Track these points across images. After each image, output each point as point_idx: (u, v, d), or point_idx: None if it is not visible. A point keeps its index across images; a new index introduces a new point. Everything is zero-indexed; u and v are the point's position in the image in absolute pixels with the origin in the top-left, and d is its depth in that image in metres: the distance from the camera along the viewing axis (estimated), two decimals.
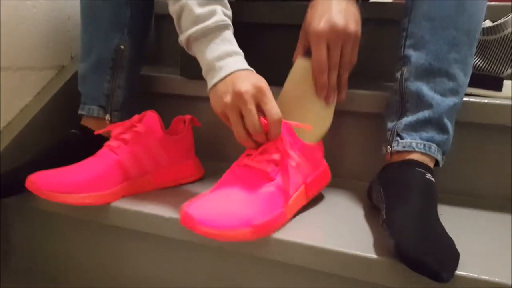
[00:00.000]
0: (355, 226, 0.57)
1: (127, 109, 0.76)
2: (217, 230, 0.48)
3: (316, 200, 0.65)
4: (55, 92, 0.82)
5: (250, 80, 0.55)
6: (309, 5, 0.63)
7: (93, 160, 0.62)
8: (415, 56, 0.61)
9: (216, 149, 0.83)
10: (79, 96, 0.84)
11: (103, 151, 0.63)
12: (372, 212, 0.62)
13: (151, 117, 0.67)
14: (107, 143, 0.64)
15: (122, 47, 0.74)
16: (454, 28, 0.59)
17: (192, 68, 0.75)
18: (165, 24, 1.02)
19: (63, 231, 0.70)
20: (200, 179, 0.73)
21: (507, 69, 0.68)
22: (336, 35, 0.59)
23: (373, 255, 0.49)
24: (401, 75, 0.63)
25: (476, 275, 0.45)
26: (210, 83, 0.58)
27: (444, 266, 0.43)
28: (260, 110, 0.55)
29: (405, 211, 0.50)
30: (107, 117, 0.74)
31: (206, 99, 0.73)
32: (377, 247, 0.51)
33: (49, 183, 0.57)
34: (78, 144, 0.71)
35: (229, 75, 0.56)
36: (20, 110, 0.79)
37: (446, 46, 0.59)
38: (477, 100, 0.66)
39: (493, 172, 0.69)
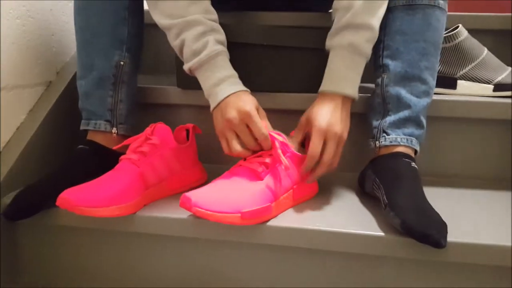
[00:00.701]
0: (356, 210, 0.68)
1: (130, 121, 0.80)
2: (210, 212, 0.58)
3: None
4: (49, 108, 0.83)
5: (238, 106, 0.65)
6: (314, 102, 0.71)
7: (117, 173, 0.66)
8: (393, 65, 0.73)
9: (213, 153, 0.89)
10: (72, 110, 0.86)
11: (125, 164, 0.67)
12: (365, 198, 0.73)
13: (163, 129, 0.72)
14: (127, 156, 0.68)
15: (122, 63, 0.77)
16: (423, 40, 0.71)
17: (188, 79, 0.82)
18: (159, 34, 1.06)
19: (75, 245, 0.73)
20: (205, 182, 0.80)
21: (460, 70, 0.83)
22: (334, 136, 0.67)
23: (379, 233, 0.59)
24: (382, 81, 0.74)
25: (462, 240, 0.57)
26: (211, 107, 0.69)
27: (441, 235, 0.54)
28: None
29: (403, 195, 0.61)
30: (114, 130, 0.77)
31: (201, 107, 0.83)
32: (379, 225, 0.62)
33: (82, 199, 0.60)
34: (90, 159, 0.74)
35: (222, 101, 0.67)
36: (16, 128, 0.79)
37: (418, 55, 0.71)
38: (438, 98, 0.80)
39: (454, 156, 0.84)
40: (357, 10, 0.67)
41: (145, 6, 0.84)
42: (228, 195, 0.61)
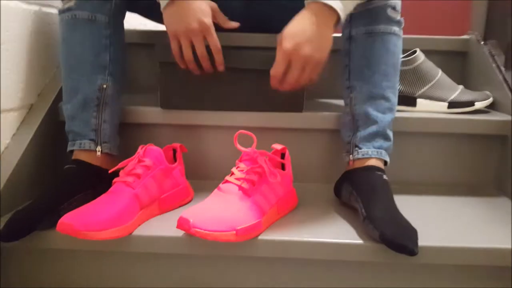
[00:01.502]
0: (335, 220, 0.75)
1: (114, 140, 0.84)
2: (208, 231, 0.62)
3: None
4: (34, 130, 0.84)
5: (199, 18, 0.74)
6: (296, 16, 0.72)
7: (114, 196, 0.69)
8: (359, 86, 0.81)
9: (198, 169, 0.93)
10: (55, 131, 0.89)
11: (120, 187, 0.70)
12: (342, 207, 0.80)
13: (154, 150, 0.75)
14: (121, 179, 0.71)
15: (104, 86, 0.81)
16: (383, 63, 0.80)
17: (170, 100, 0.87)
18: (139, 53, 1.11)
19: (65, 266, 0.75)
20: (192, 199, 0.84)
21: (419, 90, 0.93)
22: (299, 59, 0.70)
23: (359, 241, 0.67)
24: (350, 100, 0.82)
25: (430, 244, 0.66)
26: (162, 5, 0.76)
27: (414, 243, 0.62)
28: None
29: (379, 208, 0.68)
30: (98, 148, 0.80)
31: (183, 126, 0.91)
32: (357, 233, 0.69)
33: (83, 224, 0.63)
34: (78, 177, 0.76)
35: None
36: (1, 153, 0.79)
37: (380, 77, 0.80)
38: (400, 114, 0.89)
39: (414, 166, 0.94)
40: None
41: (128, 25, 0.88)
42: (222, 214, 0.65)
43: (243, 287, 0.73)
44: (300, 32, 0.70)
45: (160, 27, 1.09)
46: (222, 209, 0.67)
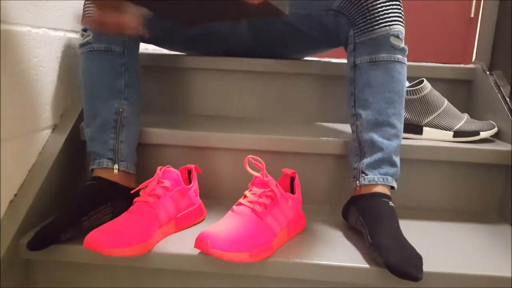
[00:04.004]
0: (342, 243, 0.78)
1: (131, 159, 0.89)
2: (224, 252, 0.66)
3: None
4: (58, 149, 0.89)
5: None
6: None
7: (135, 215, 0.73)
8: (364, 114, 0.84)
9: (208, 189, 0.98)
10: (77, 150, 0.94)
11: (141, 206, 0.75)
12: (349, 231, 0.84)
13: (172, 172, 0.80)
14: (142, 199, 0.76)
15: (121, 109, 0.87)
16: (388, 91, 0.83)
17: None
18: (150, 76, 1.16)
19: (84, 279, 0.79)
20: (204, 218, 0.88)
21: (425, 119, 0.97)
22: None
23: (365, 265, 0.70)
24: (356, 128, 0.86)
25: (434, 270, 0.69)
26: None
27: (418, 269, 0.66)
28: None
29: (385, 236, 0.71)
30: (115, 166, 0.85)
31: (195, 148, 0.95)
32: (363, 257, 0.72)
33: (107, 241, 0.67)
34: (98, 193, 0.82)
35: None
36: (28, 170, 0.84)
37: (385, 104, 0.83)
38: (406, 142, 0.92)
39: (422, 192, 0.97)
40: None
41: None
42: (237, 236, 0.69)
43: None
44: None
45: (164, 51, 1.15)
46: (236, 231, 0.70)
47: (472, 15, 2.63)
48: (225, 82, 1.16)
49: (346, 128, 1.04)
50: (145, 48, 1.03)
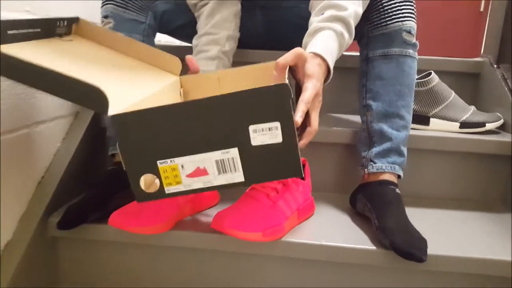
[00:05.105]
0: (350, 227, 0.82)
1: None
2: (240, 231, 0.71)
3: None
4: (81, 135, 0.94)
5: None
6: (309, 57, 0.69)
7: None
8: (375, 105, 0.88)
9: None
10: (98, 135, 0.98)
11: None
12: (356, 216, 0.88)
13: None
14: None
15: None
16: (399, 84, 0.86)
17: None
18: None
19: (108, 256, 0.85)
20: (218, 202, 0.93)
21: (432, 110, 1.00)
22: (319, 99, 0.69)
23: (372, 247, 0.74)
24: (366, 118, 0.89)
25: (438, 253, 0.73)
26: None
27: (422, 251, 0.70)
28: None
29: (391, 219, 0.75)
30: None
31: None
32: (370, 240, 0.76)
33: (131, 220, 0.73)
34: (120, 177, 0.85)
35: None
36: (54, 155, 0.89)
37: (395, 96, 0.86)
38: (413, 132, 0.96)
39: (428, 181, 1.01)
40: (350, 13, 0.76)
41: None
42: (251, 217, 0.74)
43: (264, 283, 0.82)
44: (320, 80, 0.69)
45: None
46: (251, 212, 0.75)
47: (481, 9, 2.63)
48: None
49: (355, 118, 1.08)
50: (158, 40, 1.06)
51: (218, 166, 0.58)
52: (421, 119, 1.01)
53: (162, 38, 1.24)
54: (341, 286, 0.80)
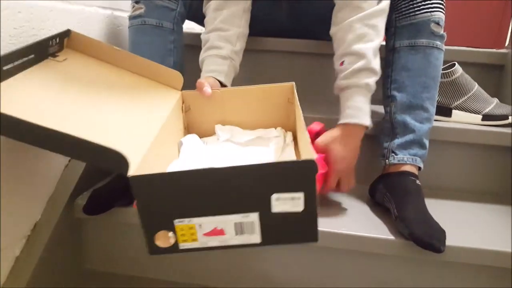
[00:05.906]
0: (369, 217, 0.83)
1: None
2: None
3: (330, 202, 0.90)
4: None
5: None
6: (334, 134, 0.82)
7: None
8: (399, 96, 0.88)
9: None
10: None
11: None
12: (376, 207, 0.88)
13: None
14: None
15: None
16: (424, 75, 0.86)
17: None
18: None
19: (133, 239, 0.87)
20: None
21: (455, 102, 0.99)
22: (347, 174, 0.83)
23: (391, 237, 0.75)
24: (390, 109, 0.89)
25: (457, 244, 0.73)
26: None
27: (441, 242, 0.70)
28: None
29: (411, 209, 0.76)
30: None
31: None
32: (389, 230, 0.77)
33: None
34: None
35: None
36: None
37: (420, 88, 0.86)
38: (435, 124, 0.95)
39: (448, 173, 1.00)
40: (370, 58, 0.78)
41: None
42: None
43: (284, 269, 0.83)
44: (346, 148, 0.81)
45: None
46: None
47: None
48: (262, 61, 1.20)
49: (377, 108, 1.07)
50: (187, 27, 1.07)
51: (236, 228, 0.57)
52: (443, 110, 1.00)
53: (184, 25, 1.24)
54: (358, 274, 0.81)
